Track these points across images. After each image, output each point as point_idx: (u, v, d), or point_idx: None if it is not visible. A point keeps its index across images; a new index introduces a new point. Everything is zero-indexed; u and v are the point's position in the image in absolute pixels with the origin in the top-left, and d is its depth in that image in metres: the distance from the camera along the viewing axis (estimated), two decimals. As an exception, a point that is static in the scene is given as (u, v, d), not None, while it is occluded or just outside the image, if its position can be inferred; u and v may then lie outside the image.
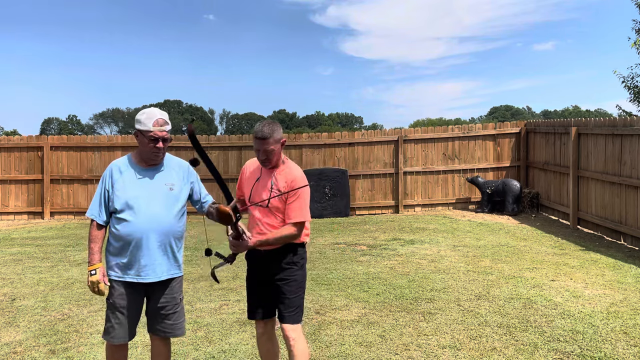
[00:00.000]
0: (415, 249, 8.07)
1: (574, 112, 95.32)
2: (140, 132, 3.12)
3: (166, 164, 3.26)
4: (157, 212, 3.10)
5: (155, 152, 3.12)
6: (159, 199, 3.12)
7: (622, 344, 4.32)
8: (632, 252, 7.52)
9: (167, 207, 3.14)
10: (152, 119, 3.09)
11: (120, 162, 3.23)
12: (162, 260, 3.15)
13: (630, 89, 17.17)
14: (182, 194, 3.25)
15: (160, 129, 3.10)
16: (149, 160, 3.17)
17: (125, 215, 3.09)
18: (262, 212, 3.24)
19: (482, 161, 12.06)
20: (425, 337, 4.55)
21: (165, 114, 3.17)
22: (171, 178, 3.22)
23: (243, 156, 12.05)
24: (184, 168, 3.32)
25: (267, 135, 3.14)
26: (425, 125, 78.75)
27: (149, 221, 3.08)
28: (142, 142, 3.12)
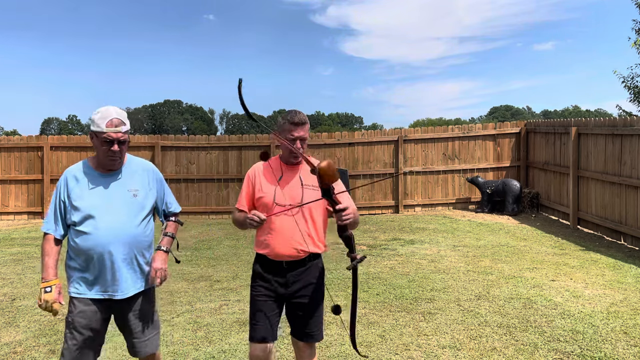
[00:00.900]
0: (415, 249, 8.07)
1: (574, 112, 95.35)
2: (94, 134, 2.77)
3: (128, 168, 2.92)
4: (120, 223, 2.79)
5: (110, 156, 2.77)
6: (121, 208, 2.81)
7: (622, 344, 4.32)
8: (632, 252, 7.52)
9: (130, 216, 2.83)
10: (105, 119, 2.74)
11: (76, 168, 2.87)
12: (128, 275, 2.84)
13: (630, 89, 17.18)
14: (148, 200, 2.93)
15: (115, 130, 2.74)
16: (107, 165, 2.83)
17: (84, 228, 2.77)
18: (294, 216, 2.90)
19: (482, 161, 12.06)
20: (425, 337, 4.55)
21: (123, 113, 2.82)
22: (134, 183, 2.89)
23: (243, 156, 12.05)
24: (148, 171, 3.00)
25: (304, 120, 2.91)
26: (425, 125, 78.77)
27: (111, 233, 2.77)
28: (96, 145, 2.79)
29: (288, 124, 2.88)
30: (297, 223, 2.89)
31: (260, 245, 2.98)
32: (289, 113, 2.91)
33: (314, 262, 3.00)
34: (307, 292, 2.96)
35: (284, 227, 2.88)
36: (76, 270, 2.83)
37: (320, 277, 3.01)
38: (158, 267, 2.94)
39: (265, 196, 2.93)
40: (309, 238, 2.92)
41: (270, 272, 2.96)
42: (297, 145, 2.88)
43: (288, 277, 2.94)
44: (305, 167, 2.96)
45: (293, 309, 2.99)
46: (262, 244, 2.96)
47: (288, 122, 2.88)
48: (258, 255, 3.03)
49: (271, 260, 2.94)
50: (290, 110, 2.92)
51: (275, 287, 2.95)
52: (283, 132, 2.92)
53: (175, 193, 12.03)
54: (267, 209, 2.90)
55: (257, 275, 3.01)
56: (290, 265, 2.94)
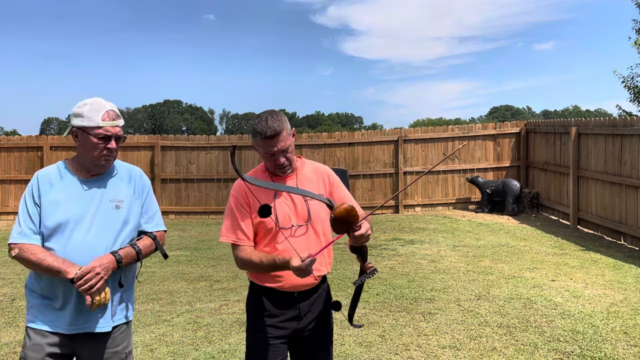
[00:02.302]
0: (415, 249, 8.06)
1: (574, 112, 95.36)
2: (82, 129, 2.30)
3: (113, 173, 2.44)
4: (97, 241, 2.29)
5: (107, 155, 2.33)
6: (100, 221, 2.31)
7: (622, 344, 4.31)
8: (632, 252, 7.52)
9: (109, 232, 2.32)
10: (100, 111, 2.30)
11: (50, 171, 2.37)
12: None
13: (630, 89, 17.17)
14: (132, 213, 2.41)
15: (112, 123, 2.32)
16: (95, 168, 2.36)
17: (51, 244, 2.26)
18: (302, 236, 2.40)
19: (482, 161, 12.06)
20: (425, 337, 4.55)
21: (114, 105, 2.39)
22: (119, 192, 2.40)
23: (243, 156, 12.05)
24: (135, 176, 2.50)
25: (279, 129, 2.28)
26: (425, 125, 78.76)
27: (84, 252, 2.26)
28: (87, 144, 2.30)
29: (261, 139, 2.29)
30: (312, 243, 2.39)
31: (267, 278, 2.40)
32: (259, 122, 2.30)
33: (323, 285, 2.54)
34: (319, 322, 2.48)
35: (294, 252, 2.27)
36: (38, 296, 2.32)
37: (328, 300, 2.56)
38: (96, 264, 2.24)
39: (266, 220, 2.33)
40: (324, 258, 2.45)
41: (281, 307, 2.41)
42: (281, 160, 2.33)
43: (301, 309, 2.43)
44: (301, 172, 2.46)
45: (304, 344, 2.49)
46: (270, 275, 2.38)
47: (260, 137, 2.29)
48: (261, 289, 2.43)
49: (280, 292, 2.40)
50: (260, 118, 2.33)
51: (287, 324, 2.41)
52: (258, 146, 2.35)
53: (175, 193, 12.04)
54: (270, 235, 2.37)
55: (262, 311, 2.42)
56: (302, 294, 2.43)
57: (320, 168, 2.54)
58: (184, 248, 8.61)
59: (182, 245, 8.88)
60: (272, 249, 2.37)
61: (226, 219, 2.43)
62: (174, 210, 12.03)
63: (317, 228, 2.42)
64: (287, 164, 2.36)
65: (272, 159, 2.33)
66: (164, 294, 5.97)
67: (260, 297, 2.43)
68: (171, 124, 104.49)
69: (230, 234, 2.40)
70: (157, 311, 5.38)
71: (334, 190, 2.50)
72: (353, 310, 2.52)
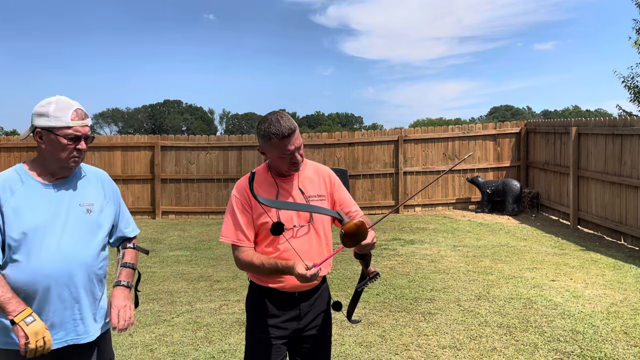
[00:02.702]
0: (415, 249, 8.06)
1: (574, 112, 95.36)
2: (48, 130, 2.13)
3: (79, 176, 2.29)
4: (71, 248, 2.14)
5: (76, 157, 2.18)
6: (72, 228, 2.16)
7: (622, 344, 4.31)
8: (632, 252, 7.52)
9: (83, 238, 2.19)
10: (68, 110, 2.15)
11: (10, 176, 2.16)
12: (80, 314, 2.18)
13: (630, 88, 17.16)
14: (105, 217, 2.29)
15: (82, 123, 2.17)
16: (62, 171, 2.20)
17: (21, 256, 2.08)
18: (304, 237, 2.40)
19: (482, 161, 12.06)
20: (425, 337, 4.55)
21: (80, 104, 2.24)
22: (88, 195, 2.26)
23: (243, 156, 12.05)
24: (105, 180, 2.38)
25: (293, 127, 2.30)
26: (425, 125, 78.78)
27: (59, 262, 2.11)
28: (54, 145, 2.14)
29: (277, 140, 2.27)
30: (313, 244, 2.41)
31: (268, 278, 2.39)
32: (270, 124, 2.28)
33: (324, 285, 2.57)
34: (319, 322, 2.51)
35: (299, 251, 2.29)
36: None
37: (328, 301, 2.58)
38: (121, 305, 2.27)
39: (269, 220, 2.32)
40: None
41: (281, 307, 2.41)
42: (298, 157, 2.34)
43: (302, 309, 2.44)
44: (302, 173, 2.46)
45: (303, 344, 2.50)
46: (271, 276, 2.38)
47: (276, 138, 2.27)
48: (261, 289, 2.43)
49: (281, 292, 2.41)
50: (270, 121, 2.30)
51: (287, 324, 2.42)
52: (272, 148, 2.32)
53: (175, 193, 12.04)
54: (272, 236, 2.35)
55: (262, 312, 2.42)
56: (302, 294, 2.44)
57: (321, 168, 2.55)
58: (184, 248, 8.61)
59: (182, 245, 8.88)
60: (273, 249, 2.36)
61: (227, 219, 2.42)
62: (174, 210, 12.03)
63: (319, 228, 2.43)
64: (299, 162, 2.36)
65: (289, 158, 2.32)
66: (164, 294, 5.97)
67: (261, 297, 2.42)
68: (171, 124, 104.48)
69: (230, 235, 2.39)
70: (157, 311, 5.38)
71: (335, 191, 2.51)
72: (352, 309, 2.53)
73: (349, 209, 2.52)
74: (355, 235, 2.15)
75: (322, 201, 2.45)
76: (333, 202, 2.51)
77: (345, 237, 2.14)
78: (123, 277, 2.35)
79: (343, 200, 2.52)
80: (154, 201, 11.99)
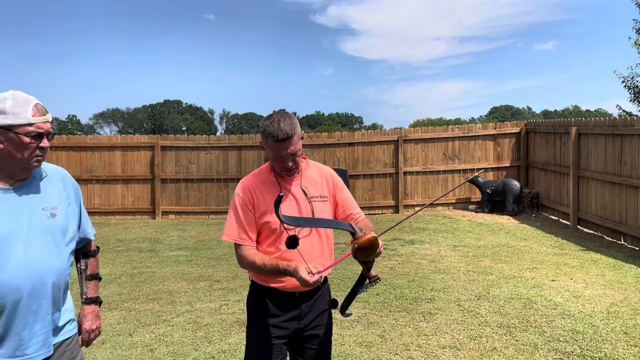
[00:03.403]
0: (415, 249, 8.06)
1: (574, 112, 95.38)
2: (6, 128, 1.95)
3: (39, 177, 2.10)
4: (39, 257, 1.98)
5: (39, 156, 2.02)
6: (38, 235, 1.99)
7: (622, 344, 4.31)
8: (632, 252, 7.52)
9: (50, 245, 2.03)
10: (27, 106, 1.98)
11: None
12: (51, 324, 2.05)
13: (630, 88, 17.16)
14: (69, 220, 2.14)
15: (44, 119, 2.01)
16: (22, 172, 2.03)
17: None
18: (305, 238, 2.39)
19: (482, 161, 12.06)
20: (425, 337, 4.55)
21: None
22: (50, 198, 2.08)
23: (243, 156, 12.05)
24: (66, 180, 2.20)
25: (291, 132, 2.27)
26: (425, 125, 78.78)
27: (28, 273, 1.95)
28: (14, 144, 1.96)
29: (272, 141, 2.28)
30: (315, 245, 2.42)
31: (269, 277, 2.40)
32: (270, 123, 2.28)
33: (325, 286, 2.57)
34: (319, 322, 2.51)
35: (297, 253, 2.30)
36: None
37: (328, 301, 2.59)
38: (92, 328, 2.24)
39: (271, 221, 2.34)
40: (326, 260, 2.47)
41: (282, 307, 2.42)
42: (289, 164, 2.33)
43: (302, 309, 2.44)
44: (305, 173, 2.47)
45: (303, 343, 2.50)
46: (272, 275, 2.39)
47: (271, 139, 2.28)
48: (261, 288, 2.44)
49: (282, 292, 2.41)
50: (272, 119, 2.30)
51: (288, 324, 2.42)
52: (268, 147, 2.33)
53: (175, 193, 12.04)
54: (274, 235, 2.38)
55: (263, 311, 2.43)
56: (303, 294, 2.44)
57: (324, 170, 2.55)
58: (184, 248, 8.61)
59: (182, 245, 8.88)
60: (275, 249, 2.37)
61: (230, 217, 2.42)
62: (174, 210, 12.03)
63: (321, 230, 2.43)
64: (294, 167, 2.36)
65: (281, 162, 2.33)
66: (164, 294, 5.97)
67: (262, 297, 2.43)
68: (171, 124, 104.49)
69: (233, 233, 2.39)
70: (157, 311, 5.38)
71: (338, 193, 2.52)
72: (347, 305, 2.53)
73: (351, 210, 2.53)
74: (369, 249, 2.15)
75: (325, 202, 2.45)
76: (335, 203, 2.52)
77: (358, 250, 2.14)
78: (91, 293, 2.28)
79: (345, 201, 2.53)
80: (154, 201, 11.98)
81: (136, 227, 10.55)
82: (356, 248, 2.12)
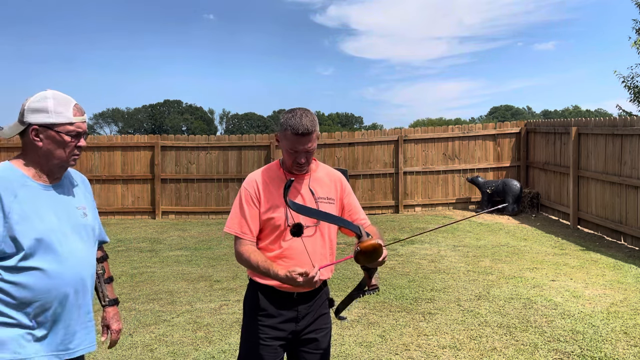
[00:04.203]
0: (415, 249, 8.07)
1: (574, 112, 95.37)
2: (47, 127, 1.99)
3: (70, 178, 2.19)
4: (81, 252, 2.06)
5: (76, 154, 2.08)
6: (77, 232, 2.07)
7: (622, 344, 4.32)
8: (632, 252, 7.52)
9: (87, 242, 2.11)
10: (69, 105, 2.03)
11: (7, 177, 1.97)
12: (92, 320, 2.13)
13: (630, 88, 17.16)
14: (95, 221, 2.22)
15: (83, 118, 2.07)
16: (60, 170, 2.08)
17: (38, 263, 1.93)
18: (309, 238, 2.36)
19: (482, 161, 12.06)
20: (425, 337, 4.55)
21: None
22: (80, 199, 2.17)
23: (243, 156, 12.05)
24: (85, 183, 2.28)
25: (312, 128, 2.28)
26: (425, 125, 78.79)
27: (76, 267, 2.02)
28: (55, 143, 2.00)
29: (290, 134, 2.28)
30: (317, 246, 2.39)
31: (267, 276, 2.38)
32: (292, 116, 2.29)
33: (324, 289, 2.52)
34: (317, 325, 2.45)
35: (299, 252, 2.31)
36: (15, 327, 1.92)
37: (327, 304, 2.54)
38: (119, 328, 2.38)
39: (276, 216, 2.33)
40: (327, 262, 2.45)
41: (279, 307, 2.38)
42: (302, 160, 2.33)
43: (300, 310, 2.40)
44: (314, 174, 2.45)
45: (300, 347, 2.44)
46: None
47: (291, 131, 2.28)
48: (261, 287, 2.40)
49: (279, 291, 2.37)
50: (294, 113, 2.31)
51: (285, 325, 2.38)
52: (285, 139, 2.33)
53: (175, 193, 12.04)
54: (277, 232, 2.36)
55: (259, 311, 2.39)
56: (302, 296, 2.40)
57: (333, 173, 2.54)
58: (184, 248, 8.62)
59: (182, 245, 8.89)
60: (277, 247, 2.35)
61: (233, 210, 2.42)
62: (174, 210, 12.03)
63: (324, 231, 2.41)
64: (306, 164, 2.36)
65: (294, 156, 2.32)
66: (164, 294, 5.97)
67: (259, 295, 2.40)
68: (171, 124, 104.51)
69: (235, 226, 2.39)
70: (157, 311, 5.38)
71: (345, 197, 2.51)
72: (343, 307, 2.50)
73: (357, 215, 2.52)
74: (371, 254, 2.12)
75: (331, 204, 2.44)
76: (342, 207, 2.50)
77: (359, 254, 2.12)
78: (112, 295, 2.36)
79: (352, 207, 2.52)
80: (154, 201, 11.99)
81: (136, 227, 10.56)
82: (358, 251, 2.11)
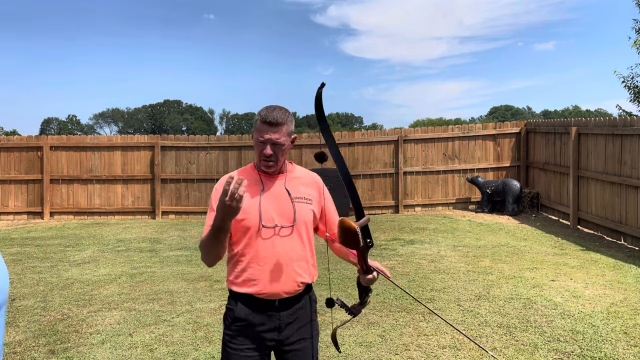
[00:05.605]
0: (415, 249, 8.06)
1: (574, 112, 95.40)
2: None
3: None
4: None
5: None
6: None
7: (622, 344, 4.31)
8: (632, 252, 7.52)
9: None
10: None
11: None
12: None
13: (630, 88, 17.18)
14: None
15: None
16: None
17: None
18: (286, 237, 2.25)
19: (482, 161, 12.06)
20: (425, 337, 4.55)
21: None
22: None
23: (243, 156, 12.05)
24: None
25: (280, 120, 2.20)
26: (425, 125, 78.79)
27: None
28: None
29: (260, 122, 2.22)
30: (295, 246, 2.26)
31: (242, 282, 2.24)
32: (266, 108, 2.25)
33: (308, 294, 2.36)
34: (302, 335, 2.30)
35: (276, 254, 2.20)
36: None
37: (312, 312, 2.38)
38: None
39: (247, 217, 2.20)
40: (308, 265, 2.30)
41: (260, 316, 2.23)
42: (267, 150, 2.20)
43: (282, 319, 2.25)
44: (291, 176, 2.35)
45: (285, 357, 2.30)
46: (245, 280, 2.23)
47: (260, 120, 2.22)
48: (238, 296, 2.27)
49: (259, 299, 2.23)
50: (268, 106, 2.27)
51: (265, 335, 2.24)
52: (255, 131, 2.26)
53: (175, 193, 12.05)
54: (251, 234, 2.22)
55: (236, 320, 2.25)
56: (283, 302, 2.25)
57: (311, 174, 2.45)
58: (184, 248, 8.61)
59: (182, 245, 8.88)
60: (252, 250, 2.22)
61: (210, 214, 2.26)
62: (174, 210, 12.03)
63: (301, 231, 2.28)
64: (272, 159, 2.22)
65: (261, 147, 2.21)
66: (164, 294, 5.97)
67: (238, 306, 2.26)
68: (171, 124, 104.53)
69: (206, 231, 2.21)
70: (157, 311, 5.38)
71: (322, 199, 2.40)
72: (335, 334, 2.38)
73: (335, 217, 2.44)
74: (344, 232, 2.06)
75: (309, 204, 2.32)
76: (321, 207, 2.39)
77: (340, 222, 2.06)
78: None
79: (329, 210, 2.42)
80: (154, 201, 11.98)
81: (136, 227, 10.56)
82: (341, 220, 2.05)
